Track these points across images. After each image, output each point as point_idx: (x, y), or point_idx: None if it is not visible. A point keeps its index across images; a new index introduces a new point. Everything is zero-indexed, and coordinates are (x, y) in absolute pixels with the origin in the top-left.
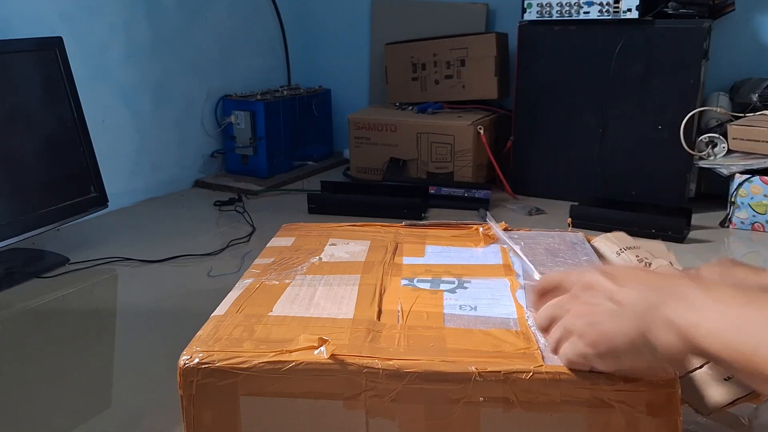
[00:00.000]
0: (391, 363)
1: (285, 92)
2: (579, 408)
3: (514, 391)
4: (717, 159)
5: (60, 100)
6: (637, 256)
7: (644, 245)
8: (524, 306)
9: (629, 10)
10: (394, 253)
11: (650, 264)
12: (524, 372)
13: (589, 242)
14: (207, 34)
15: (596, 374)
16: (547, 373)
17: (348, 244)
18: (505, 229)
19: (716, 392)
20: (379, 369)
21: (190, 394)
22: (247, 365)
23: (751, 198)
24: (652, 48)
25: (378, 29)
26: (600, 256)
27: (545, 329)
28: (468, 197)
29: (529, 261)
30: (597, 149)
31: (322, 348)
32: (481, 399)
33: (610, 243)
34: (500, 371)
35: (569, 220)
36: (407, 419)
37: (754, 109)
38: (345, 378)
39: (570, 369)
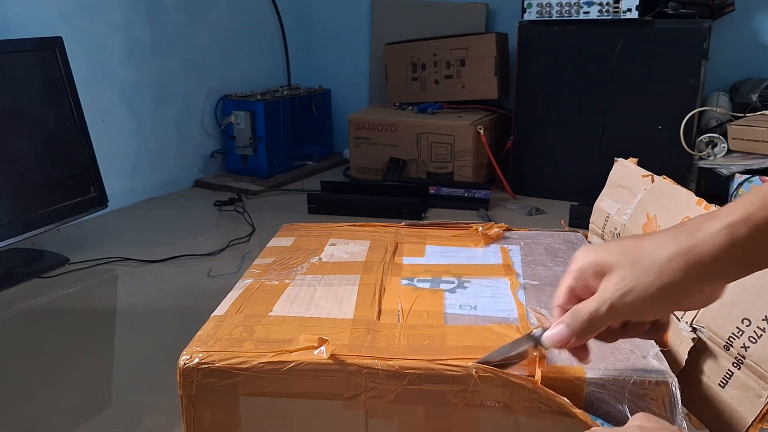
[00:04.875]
0: (391, 363)
1: (285, 92)
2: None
3: (514, 392)
4: (717, 159)
5: (60, 100)
6: None
7: None
8: (524, 305)
9: (629, 10)
10: (394, 253)
11: None
12: (524, 373)
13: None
14: (207, 34)
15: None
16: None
17: (348, 244)
18: (506, 230)
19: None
20: (379, 369)
21: (190, 394)
22: (247, 365)
23: None
24: (652, 48)
25: (378, 29)
26: None
27: None
28: (468, 197)
29: (529, 260)
30: (597, 149)
31: (321, 348)
32: (489, 403)
33: None
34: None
35: (563, 221)
36: (407, 420)
37: (754, 109)
38: (345, 378)
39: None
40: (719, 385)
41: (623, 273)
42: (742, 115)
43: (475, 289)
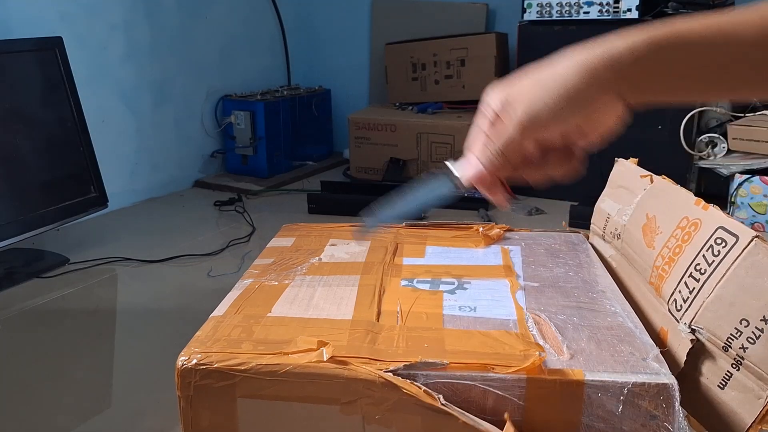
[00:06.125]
0: (387, 375)
1: (285, 92)
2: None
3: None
4: (717, 159)
5: (60, 100)
6: None
7: None
8: (524, 307)
9: (629, 10)
10: (394, 254)
11: None
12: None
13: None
14: (207, 34)
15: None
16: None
17: (348, 244)
18: (506, 230)
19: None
20: (375, 378)
21: (188, 395)
22: (245, 367)
23: (751, 198)
24: None
25: (378, 29)
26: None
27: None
28: (468, 197)
29: (530, 261)
30: (597, 149)
31: (321, 350)
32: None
33: None
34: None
35: (564, 223)
36: (405, 428)
37: (754, 109)
38: (342, 383)
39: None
40: (718, 386)
41: (526, 92)
42: (742, 115)
43: (475, 291)
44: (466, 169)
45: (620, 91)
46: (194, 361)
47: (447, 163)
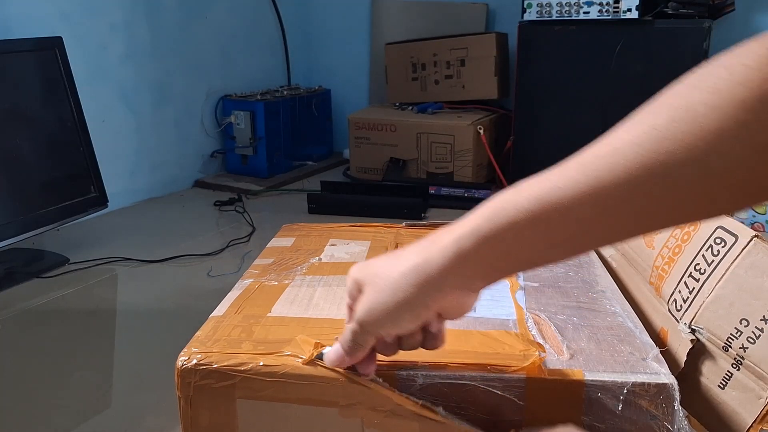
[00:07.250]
0: (381, 387)
1: (285, 92)
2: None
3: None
4: None
5: (60, 100)
6: None
7: None
8: (524, 307)
9: (629, 10)
10: None
11: None
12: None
13: None
14: (207, 34)
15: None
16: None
17: (348, 244)
18: None
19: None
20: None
21: (188, 395)
22: (245, 367)
23: None
24: (652, 48)
25: (378, 29)
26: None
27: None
28: (468, 197)
29: None
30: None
31: (322, 351)
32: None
33: None
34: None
35: None
36: None
37: None
38: (340, 386)
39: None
40: (719, 386)
41: (367, 291)
42: None
43: None
44: (330, 355)
45: (459, 288)
46: (194, 361)
47: (323, 351)
